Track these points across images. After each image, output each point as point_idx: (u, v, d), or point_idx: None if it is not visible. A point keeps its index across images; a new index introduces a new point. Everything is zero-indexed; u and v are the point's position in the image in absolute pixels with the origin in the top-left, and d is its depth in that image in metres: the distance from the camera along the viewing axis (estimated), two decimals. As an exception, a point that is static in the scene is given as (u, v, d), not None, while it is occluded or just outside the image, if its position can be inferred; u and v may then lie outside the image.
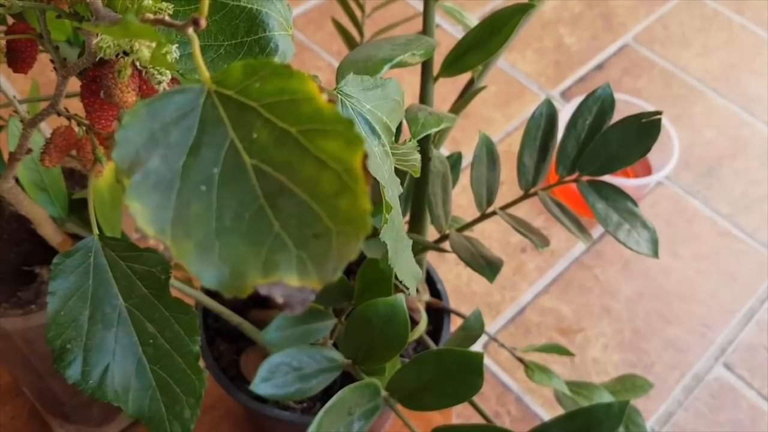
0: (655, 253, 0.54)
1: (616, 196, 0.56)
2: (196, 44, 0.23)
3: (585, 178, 0.57)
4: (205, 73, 0.22)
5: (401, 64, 0.46)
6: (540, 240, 0.56)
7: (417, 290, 0.62)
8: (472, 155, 0.60)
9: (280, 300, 0.20)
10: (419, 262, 0.62)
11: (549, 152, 0.59)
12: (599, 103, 0.56)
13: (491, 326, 0.86)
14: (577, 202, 0.73)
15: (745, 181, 1.00)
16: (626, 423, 0.61)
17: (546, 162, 0.59)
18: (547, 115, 0.59)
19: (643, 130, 0.53)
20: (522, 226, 0.57)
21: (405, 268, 0.37)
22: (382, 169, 0.33)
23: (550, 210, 0.58)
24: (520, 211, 0.60)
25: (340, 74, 0.45)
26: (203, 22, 0.23)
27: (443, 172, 0.59)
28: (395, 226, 0.35)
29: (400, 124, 0.38)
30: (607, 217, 0.55)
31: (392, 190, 0.34)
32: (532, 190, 0.59)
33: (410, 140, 0.40)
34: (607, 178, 0.57)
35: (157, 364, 0.39)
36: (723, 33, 1.15)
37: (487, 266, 0.56)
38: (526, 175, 0.59)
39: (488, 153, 0.60)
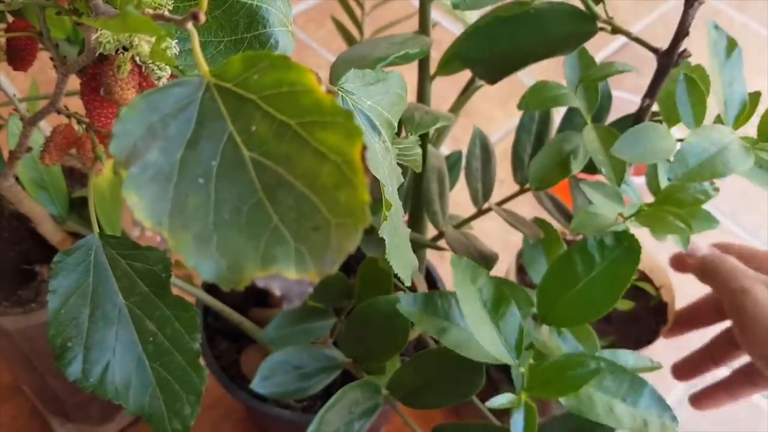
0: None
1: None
2: (196, 39, 0.23)
3: (579, 174, 0.57)
4: (204, 66, 0.22)
5: (395, 63, 0.46)
6: (532, 233, 0.56)
7: (414, 287, 0.62)
8: (467, 150, 0.60)
9: (278, 293, 0.20)
10: (418, 260, 0.62)
11: (543, 146, 0.58)
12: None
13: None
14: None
15: (747, 180, 1.00)
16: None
17: None
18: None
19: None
20: (515, 220, 0.57)
21: (400, 260, 0.37)
22: (383, 165, 0.33)
23: (543, 204, 0.58)
24: (524, 208, 0.60)
25: (334, 73, 0.45)
26: (203, 17, 0.23)
27: (439, 168, 0.58)
28: (393, 222, 0.35)
29: (399, 123, 0.38)
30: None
31: (392, 186, 0.34)
32: (527, 185, 0.59)
33: (411, 134, 0.40)
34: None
35: (157, 362, 0.39)
36: (724, 32, 1.15)
37: (482, 260, 0.56)
38: (522, 169, 0.59)
39: (482, 148, 0.60)
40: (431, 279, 0.67)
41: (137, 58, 0.31)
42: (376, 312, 0.50)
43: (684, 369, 0.64)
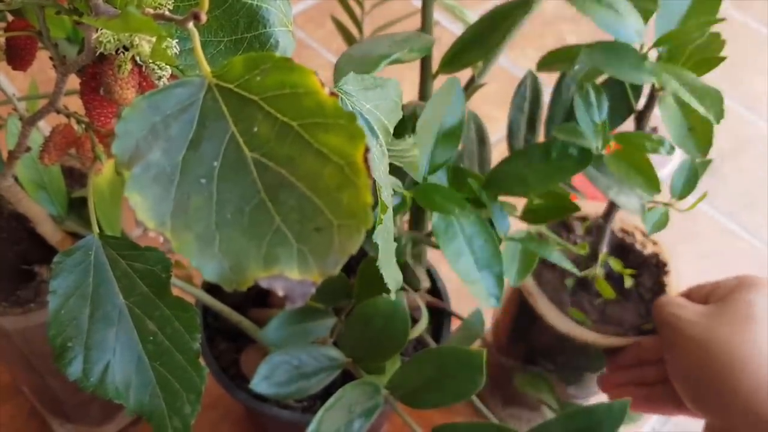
0: (642, 212, 0.55)
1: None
2: (197, 38, 0.23)
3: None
4: (206, 67, 0.22)
5: (399, 61, 0.46)
6: None
7: (417, 287, 0.62)
8: (463, 134, 0.60)
9: (281, 293, 0.20)
10: (418, 256, 0.62)
11: (537, 122, 0.59)
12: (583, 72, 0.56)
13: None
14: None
15: (747, 180, 1.00)
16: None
17: (535, 132, 0.59)
18: (532, 86, 0.59)
19: (619, 94, 0.53)
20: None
21: (390, 271, 0.37)
22: (380, 168, 0.33)
23: None
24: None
25: (338, 71, 0.45)
26: (203, 16, 0.23)
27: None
28: (387, 228, 0.35)
29: (400, 123, 0.38)
30: (596, 177, 0.55)
31: (387, 191, 0.34)
32: None
33: (408, 137, 0.40)
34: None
35: (157, 361, 0.39)
36: (724, 31, 1.15)
37: None
38: (516, 147, 0.59)
39: (477, 130, 0.60)
40: (432, 278, 0.67)
41: (137, 58, 0.31)
42: (376, 312, 0.50)
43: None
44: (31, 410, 0.74)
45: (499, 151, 0.62)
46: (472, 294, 0.48)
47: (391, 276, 0.37)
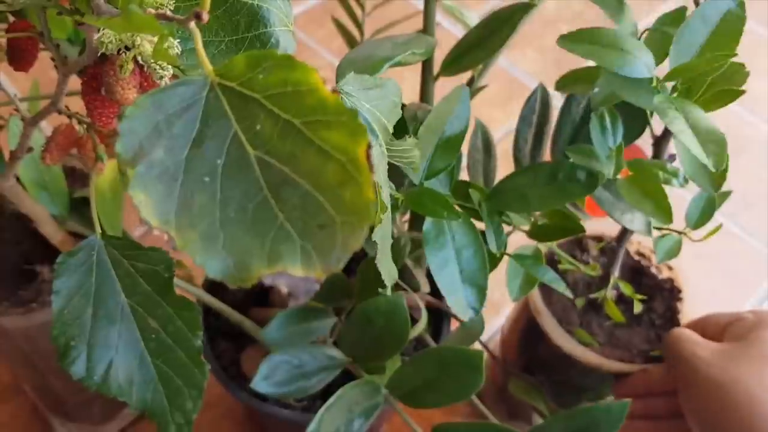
0: (649, 232, 0.54)
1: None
2: (199, 38, 0.23)
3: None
4: (208, 65, 0.22)
5: (401, 63, 0.46)
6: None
7: (418, 288, 0.62)
8: (469, 144, 0.60)
9: (284, 290, 0.20)
10: (418, 259, 0.62)
11: (544, 137, 0.59)
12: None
13: (491, 325, 0.85)
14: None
15: (747, 181, 1.00)
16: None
17: (541, 147, 0.59)
18: (542, 99, 0.59)
19: (636, 112, 0.53)
20: None
21: (387, 267, 0.37)
22: (380, 168, 0.33)
23: None
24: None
25: (340, 73, 0.45)
26: (205, 16, 0.23)
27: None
28: (385, 227, 0.35)
29: (399, 122, 0.38)
30: (602, 197, 0.55)
31: (386, 191, 0.34)
32: None
33: (410, 136, 0.40)
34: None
35: (159, 358, 0.40)
36: (723, 32, 1.15)
37: None
38: (521, 161, 0.59)
39: (483, 140, 0.60)
40: (432, 280, 0.67)
41: (139, 58, 0.31)
42: (376, 312, 0.50)
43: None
44: (33, 410, 0.74)
45: (498, 152, 0.62)
46: (451, 305, 0.47)
47: (388, 272, 0.37)
